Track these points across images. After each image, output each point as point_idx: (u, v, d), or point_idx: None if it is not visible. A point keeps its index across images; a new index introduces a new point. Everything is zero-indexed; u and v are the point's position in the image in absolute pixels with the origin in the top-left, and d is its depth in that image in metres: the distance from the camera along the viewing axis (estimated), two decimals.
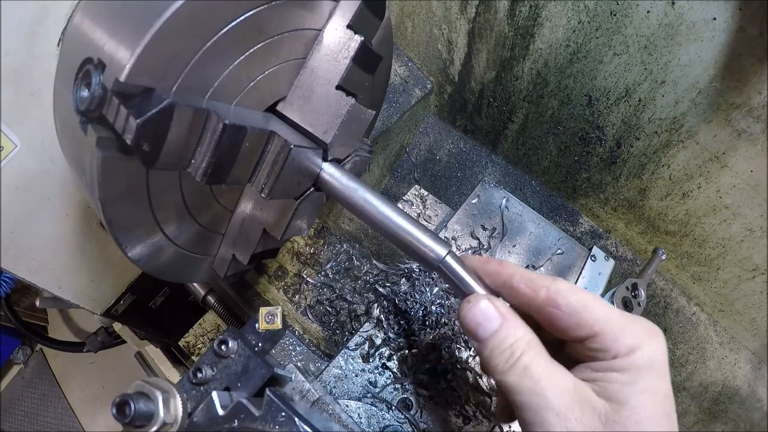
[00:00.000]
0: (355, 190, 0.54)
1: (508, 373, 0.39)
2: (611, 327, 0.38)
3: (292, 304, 0.84)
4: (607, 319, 0.38)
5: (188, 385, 0.46)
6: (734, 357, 1.16)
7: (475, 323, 0.43)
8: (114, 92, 0.34)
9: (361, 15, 0.53)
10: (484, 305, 0.43)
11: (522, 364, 0.39)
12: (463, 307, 0.45)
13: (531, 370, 0.38)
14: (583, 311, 0.39)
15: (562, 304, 0.40)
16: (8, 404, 2.10)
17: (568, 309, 0.40)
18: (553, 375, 0.38)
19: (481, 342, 0.42)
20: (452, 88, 1.22)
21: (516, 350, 0.40)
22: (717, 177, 0.91)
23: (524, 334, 0.41)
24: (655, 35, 0.79)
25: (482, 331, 0.42)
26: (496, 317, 0.42)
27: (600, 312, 0.39)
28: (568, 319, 0.40)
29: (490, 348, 0.41)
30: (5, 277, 1.51)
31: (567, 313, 0.40)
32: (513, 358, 0.39)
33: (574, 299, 0.40)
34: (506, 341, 0.40)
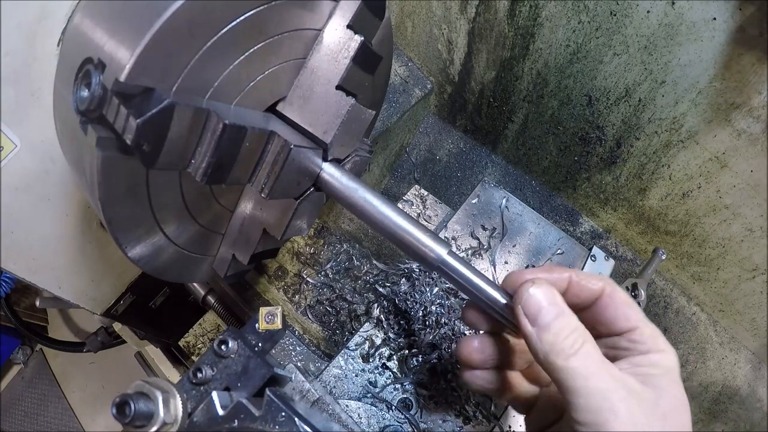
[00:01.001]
0: (355, 190, 0.54)
1: (575, 357, 0.40)
2: (646, 325, 0.43)
3: (292, 304, 0.84)
4: (644, 320, 0.44)
5: (188, 385, 0.46)
6: (734, 357, 1.16)
7: (537, 307, 0.43)
8: (114, 92, 0.34)
9: (361, 15, 0.53)
10: (546, 289, 0.43)
11: (586, 349, 0.40)
12: (523, 291, 0.44)
13: (593, 355, 0.40)
14: (629, 306, 0.44)
15: (616, 297, 0.44)
16: (8, 404, 2.10)
17: (619, 302, 0.44)
18: (607, 364, 0.40)
19: (543, 326, 0.42)
20: (452, 88, 1.22)
21: (580, 336, 0.41)
22: (717, 177, 0.91)
23: (580, 324, 0.43)
24: (655, 35, 0.79)
25: (545, 315, 0.42)
26: (559, 303, 0.43)
27: (638, 312, 0.44)
28: (618, 311, 0.44)
29: (554, 332, 0.41)
30: (5, 277, 1.51)
31: (618, 305, 0.44)
32: (578, 343, 0.40)
33: (622, 294, 0.45)
34: (569, 327, 0.41)
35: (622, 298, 0.44)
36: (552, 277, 0.46)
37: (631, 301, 0.45)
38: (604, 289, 0.45)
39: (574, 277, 0.46)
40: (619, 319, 0.44)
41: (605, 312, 0.44)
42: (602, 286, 0.45)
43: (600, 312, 0.45)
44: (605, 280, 0.46)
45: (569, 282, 0.46)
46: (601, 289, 0.45)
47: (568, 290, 0.46)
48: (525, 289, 0.44)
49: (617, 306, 0.44)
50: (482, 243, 0.84)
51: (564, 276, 0.46)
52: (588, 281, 0.45)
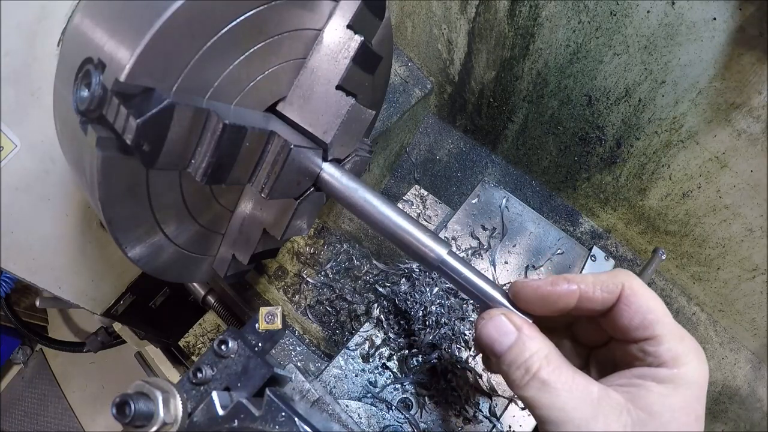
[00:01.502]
0: (355, 190, 0.54)
1: (526, 387, 0.38)
2: (669, 335, 0.39)
3: (292, 304, 0.84)
4: (668, 327, 0.39)
5: (188, 385, 0.46)
6: (734, 357, 1.16)
7: (490, 339, 0.42)
8: (114, 92, 0.34)
9: (361, 15, 0.53)
10: (498, 320, 0.42)
11: (540, 378, 0.38)
12: (479, 323, 0.44)
13: (549, 383, 0.38)
14: (649, 312, 0.39)
15: (634, 301, 0.40)
16: (8, 404, 2.10)
17: (638, 308, 0.40)
18: (574, 387, 0.38)
19: (498, 357, 0.41)
20: (452, 88, 1.22)
21: (532, 365, 0.39)
22: (717, 177, 0.91)
23: (541, 347, 0.40)
24: (655, 35, 0.79)
25: (498, 347, 0.41)
26: (511, 331, 0.41)
27: (664, 317, 0.39)
28: (634, 318, 0.40)
29: (507, 363, 0.40)
30: (5, 277, 1.51)
31: (636, 311, 0.40)
32: (529, 374, 0.39)
33: (644, 299, 0.40)
34: (522, 355, 0.40)
35: (642, 304, 0.40)
36: (553, 291, 0.43)
37: (655, 306, 0.40)
38: (623, 292, 0.41)
39: (584, 289, 0.42)
40: (634, 329, 0.40)
41: (620, 319, 0.41)
42: (619, 290, 0.41)
43: (615, 318, 0.41)
44: (626, 281, 0.41)
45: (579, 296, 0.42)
46: (617, 295, 0.41)
47: (577, 305, 0.43)
48: (480, 320, 0.43)
49: (633, 314, 0.40)
50: (482, 243, 0.84)
51: (572, 289, 0.42)
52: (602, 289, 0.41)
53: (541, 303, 0.44)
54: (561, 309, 0.44)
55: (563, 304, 0.43)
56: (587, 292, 0.42)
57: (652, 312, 0.39)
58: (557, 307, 0.43)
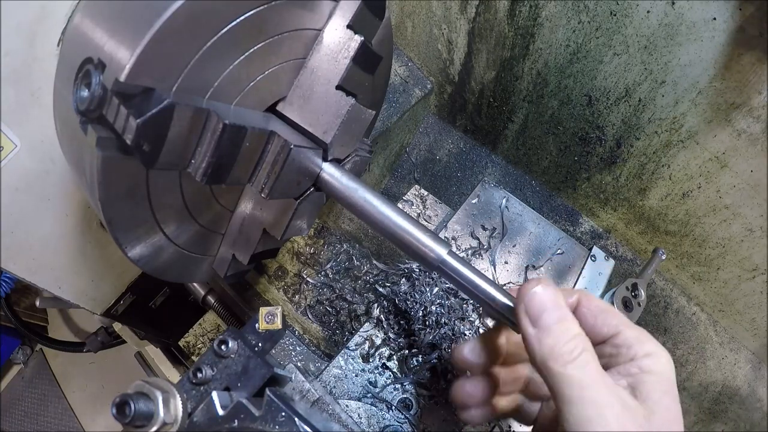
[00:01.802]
0: (355, 190, 0.54)
1: (572, 364, 0.38)
2: (629, 329, 0.42)
3: (292, 304, 0.84)
4: (627, 324, 0.43)
5: (188, 385, 0.46)
6: (734, 357, 1.16)
7: (541, 308, 0.41)
8: (114, 92, 0.34)
9: (361, 15, 0.53)
10: (551, 291, 0.42)
11: (584, 358, 0.39)
12: (527, 290, 0.43)
13: (590, 366, 0.39)
14: (606, 312, 0.44)
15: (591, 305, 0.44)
16: (8, 404, 2.10)
17: (597, 309, 0.44)
18: (605, 376, 0.39)
19: (544, 329, 0.41)
20: (452, 88, 1.22)
21: (580, 343, 0.40)
22: (717, 177, 0.91)
23: (582, 331, 0.41)
24: (655, 35, 0.79)
25: (547, 318, 0.41)
26: (562, 306, 0.42)
27: (621, 317, 0.43)
28: (596, 318, 0.43)
29: (555, 335, 0.40)
30: (5, 277, 1.51)
31: (595, 312, 0.44)
32: (577, 350, 0.39)
33: (598, 301, 0.45)
34: (570, 331, 0.40)
35: (597, 305, 0.44)
36: None
37: (608, 306, 0.45)
38: (579, 300, 0.45)
39: None
40: (598, 326, 0.43)
41: (585, 320, 0.44)
42: (577, 297, 0.45)
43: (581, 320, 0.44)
44: (578, 292, 0.46)
45: None
46: (574, 304, 0.45)
47: None
48: (529, 287, 0.43)
49: (594, 314, 0.44)
50: (482, 243, 0.84)
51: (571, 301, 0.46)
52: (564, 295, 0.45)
53: None
54: None
55: None
56: None
57: (607, 312, 0.44)
58: None
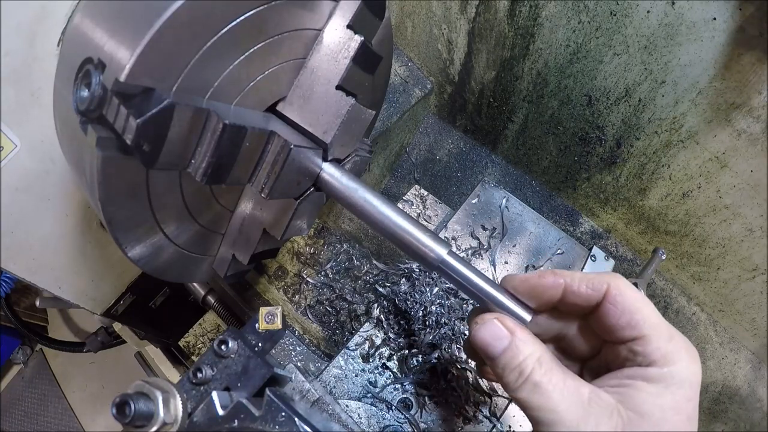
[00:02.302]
0: (355, 190, 0.54)
1: (520, 389, 0.40)
2: (657, 334, 0.39)
3: (292, 304, 0.84)
4: (656, 326, 0.39)
5: (188, 385, 0.46)
6: (734, 357, 1.16)
7: (484, 343, 0.43)
8: (114, 92, 0.34)
9: (361, 15, 0.53)
10: (491, 324, 0.43)
11: (532, 380, 0.39)
12: (472, 328, 0.45)
13: (542, 386, 0.39)
14: (636, 312, 0.40)
15: (620, 300, 0.40)
16: (8, 404, 2.10)
17: (623, 307, 0.40)
18: (565, 389, 0.38)
19: (492, 360, 0.43)
20: (452, 88, 1.22)
21: (526, 367, 0.40)
22: (717, 177, 0.91)
23: (534, 350, 0.41)
24: (655, 35, 0.79)
25: (492, 350, 0.42)
26: (504, 335, 0.42)
27: (651, 317, 0.40)
28: (620, 317, 0.40)
29: (501, 366, 0.42)
30: (5, 277, 1.51)
31: (621, 310, 0.40)
32: (523, 376, 0.40)
33: (630, 298, 0.40)
34: (515, 359, 0.41)
35: (627, 303, 0.40)
36: (539, 282, 0.44)
37: (641, 306, 0.40)
38: (609, 291, 0.41)
39: (569, 283, 0.43)
40: (621, 328, 0.40)
41: (607, 319, 0.41)
42: (605, 289, 0.41)
43: (602, 318, 0.42)
44: (612, 281, 0.41)
45: (564, 289, 0.43)
46: (602, 294, 0.41)
47: (564, 298, 0.44)
48: (473, 324, 0.45)
49: (620, 313, 0.40)
50: (482, 243, 0.84)
51: (558, 282, 0.44)
52: (587, 285, 0.42)
53: (529, 293, 0.46)
54: (547, 301, 0.45)
55: (549, 296, 0.45)
56: (572, 285, 0.43)
57: (638, 311, 0.40)
58: (543, 298, 0.45)
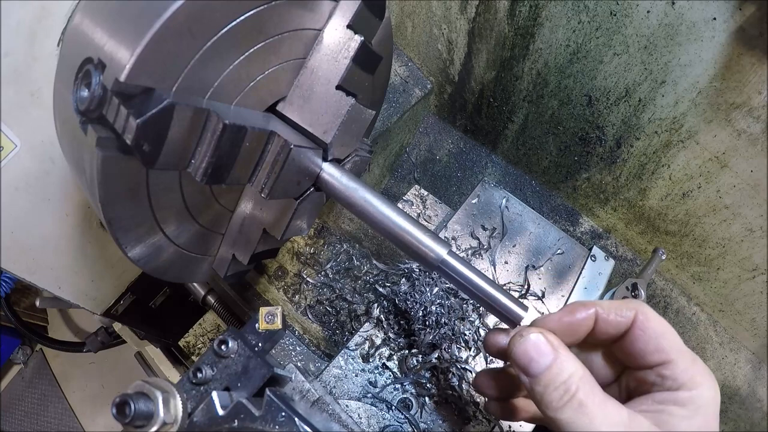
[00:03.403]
0: (355, 190, 0.54)
1: (563, 409, 0.38)
2: (683, 358, 0.39)
3: (292, 304, 0.84)
4: (681, 351, 0.40)
5: (188, 385, 0.46)
6: (734, 357, 1.16)
7: (527, 358, 0.41)
8: (114, 92, 0.34)
9: (361, 15, 0.53)
10: (535, 338, 0.42)
11: (577, 400, 0.38)
12: (515, 341, 0.43)
13: (586, 406, 0.38)
14: (662, 337, 0.40)
15: (648, 326, 0.41)
16: (8, 404, 2.10)
17: (652, 332, 0.41)
18: (608, 410, 0.38)
19: (534, 377, 0.41)
20: (452, 88, 1.22)
21: (571, 386, 0.39)
22: (717, 177, 0.91)
23: (577, 369, 0.40)
24: (655, 35, 0.79)
25: (535, 367, 0.41)
26: (549, 351, 0.41)
27: (676, 341, 0.40)
28: (649, 342, 0.40)
29: (544, 384, 0.40)
30: (5, 277, 1.51)
31: (650, 336, 0.41)
32: (568, 395, 0.39)
33: (657, 323, 0.41)
34: (560, 376, 0.40)
35: (655, 329, 0.41)
36: (575, 319, 0.43)
37: (666, 330, 0.41)
38: (636, 318, 0.42)
39: (601, 312, 0.43)
40: (649, 353, 0.41)
41: (635, 344, 0.41)
42: (633, 315, 0.42)
43: (630, 344, 0.42)
44: (639, 308, 0.42)
45: (596, 318, 0.43)
46: (630, 320, 0.42)
47: (595, 327, 0.43)
48: (516, 338, 0.43)
49: (648, 338, 0.41)
50: (482, 243, 0.84)
51: (590, 313, 0.43)
52: (616, 313, 0.42)
53: (567, 332, 0.44)
54: (583, 334, 0.44)
55: (585, 329, 0.44)
56: (603, 314, 0.43)
57: (665, 336, 0.40)
58: (581, 332, 0.44)
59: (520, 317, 0.48)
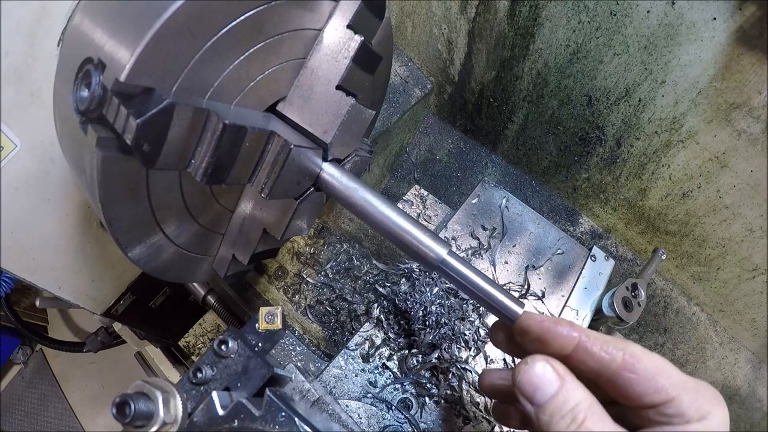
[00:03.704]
0: (355, 190, 0.54)
1: None
2: (686, 392, 0.37)
3: (292, 304, 0.84)
4: (683, 384, 0.37)
5: (188, 385, 0.46)
6: (734, 357, 1.16)
7: (532, 387, 0.40)
8: (114, 92, 0.34)
9: (361, 15, 0.53)
10: (540, 367, 0.40)
11: (586, 428, 0.37)
12: (519, 368, 0.42)
13: None
14: (659, 375, 0.38)
15: (640, 368, 0.38)
16: (8, 404, 2.10)
17: (645, 373, 0.38)
18: None
19: (540, 406, 0.39)
20: (452, 88, 1.22)
21: (578, 414, 0.38)
22: (717, 177, 0.91)
23: (585, 397, 0.39)
24: (655, 35, 0.79)
25: (540, 395, 0.39)
26: (554, 379, 0.40)
27: (675, 376, 0.38)
28: (645, 384, 0.38)
29: (549, 413, 0.39)
30: (5, 277, 1.51)
31: (644, 377, 0.38)
32: (576, 423, 0.37)
33: (649, 363, 0.38)
34: (567, 405, 0.38)
35: (648, 368, 0.38)
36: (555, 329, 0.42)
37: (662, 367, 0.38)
38: (624, 360, 0.39)
39: (584, 339, 0.41)
40: (648, 395, 0.38)
41: (631, 388, 0.38)
42: (620, 357, 0.39)
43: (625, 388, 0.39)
44: (627, 348, 0.39)
45: (577, 344, 0.41)
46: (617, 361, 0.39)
47: (575, 354, 0.42)
48: (521, 366, 0.42)
49: (643, 380, 0.38)
50: (482, 243, 0.84)
51: (573, 334, 0.41)
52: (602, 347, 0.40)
53: (540, 336, 0.43)
54: (557, 350, 0.43)
55: (559, 345, 0.42)
56: (586, 342, 0.41)
57: (662, 374, 0.38)
58: (553, 345, 0.42)
59: (516, 314, 0.48)
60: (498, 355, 0.74)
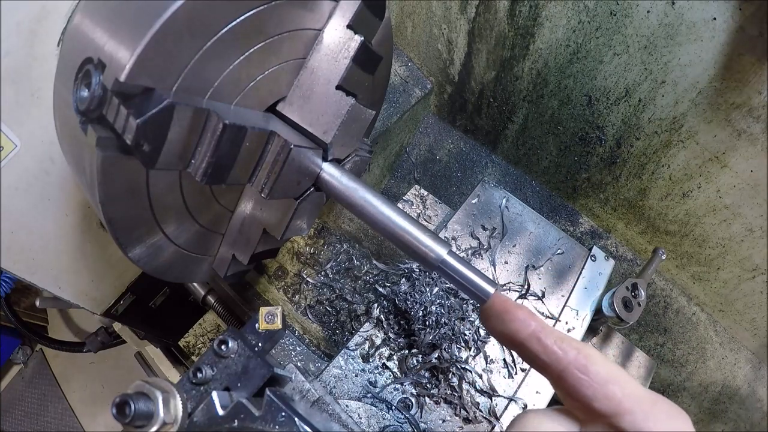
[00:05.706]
0: (355, 190, 0.54)
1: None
2: (642, 405, 0.35)
3: (292, 304, 0.84)
4: (638, 396, 0.35)
5: (188, 385, 0.46)
6: (734, 357, 1.16)
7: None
8: (114, 92, 0.34)
9: (361, 15, 0.53)
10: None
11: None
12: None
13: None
14: (611, 383, 0.36)
15: (591, 370, 0.36)
16: (8, 404, 2.10)
17: (597, 377, 0.36)
18: None
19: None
20: (452, 88, 1.22)
21: None
22: (717, 177, 0.91)
23: None
24: (655, 35, 0.79)
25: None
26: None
27: (630, 387, 0.36)
28: (594, 389, 0.36)
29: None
30: (5, 277, 1.51)
31: (595, 381, 0.36)
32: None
33: (603, 369, 0.36)
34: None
35: (600, 373, 0.36)
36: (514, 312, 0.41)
37: (616, 376, 0.36)
38: (576, 359, 0.37)
39: (538, 330, 0.39)
40: (598, 400, 0.36)
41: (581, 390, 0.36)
42: (573, 355, 0.37)
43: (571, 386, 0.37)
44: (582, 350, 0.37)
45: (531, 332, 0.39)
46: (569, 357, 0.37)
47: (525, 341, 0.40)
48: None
49: (593, 384, 0.36)
50: (482, 243, 0.84)
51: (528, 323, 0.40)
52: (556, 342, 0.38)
53: (498, 315, 0.43)
54: (510, 333, 0.41)
55: (513, 328, 0.41)
56: (540, 333, 0.39)
57: (615, 382, 0.35)
58: (508, 327, 0.41)
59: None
60: (498, 355, 0.74)
